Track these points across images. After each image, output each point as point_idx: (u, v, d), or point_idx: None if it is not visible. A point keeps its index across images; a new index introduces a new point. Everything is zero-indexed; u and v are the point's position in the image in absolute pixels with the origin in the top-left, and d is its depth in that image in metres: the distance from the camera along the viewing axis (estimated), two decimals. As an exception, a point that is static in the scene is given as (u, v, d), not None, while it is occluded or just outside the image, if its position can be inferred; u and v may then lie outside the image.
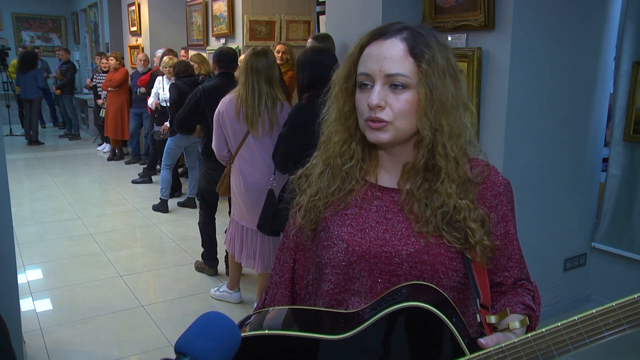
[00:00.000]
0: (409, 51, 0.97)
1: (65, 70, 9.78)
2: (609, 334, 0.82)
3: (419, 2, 3.17)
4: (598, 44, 3.10)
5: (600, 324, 0.82)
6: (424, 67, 0.97)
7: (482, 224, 1.00)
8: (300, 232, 1.13)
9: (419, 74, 0.97)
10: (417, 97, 0.97)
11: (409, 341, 0.93)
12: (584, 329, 0.83)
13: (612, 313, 0.81)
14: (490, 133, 2.87)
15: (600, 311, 0.82)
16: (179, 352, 0.78)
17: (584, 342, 0.83)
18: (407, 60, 0.97)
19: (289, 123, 2.70)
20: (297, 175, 1.16)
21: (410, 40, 0.98)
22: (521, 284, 1.11)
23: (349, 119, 1.06)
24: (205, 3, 6.24)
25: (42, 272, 4.06)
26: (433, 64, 0.97)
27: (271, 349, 0.94)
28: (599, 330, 0.82)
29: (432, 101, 0.97)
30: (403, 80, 0.97)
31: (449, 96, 0.98)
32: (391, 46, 0.98)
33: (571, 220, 3.28)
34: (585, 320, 0.83)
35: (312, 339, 0.93)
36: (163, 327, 3.23)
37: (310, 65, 2.70)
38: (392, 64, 0.97)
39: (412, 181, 1.04)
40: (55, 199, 6.09)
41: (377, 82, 0.98)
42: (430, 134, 0.98)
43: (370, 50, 1.00)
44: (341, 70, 1.07)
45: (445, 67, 0.99)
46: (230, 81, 3.57)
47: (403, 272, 0.99)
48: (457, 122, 1.00)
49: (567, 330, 0.84)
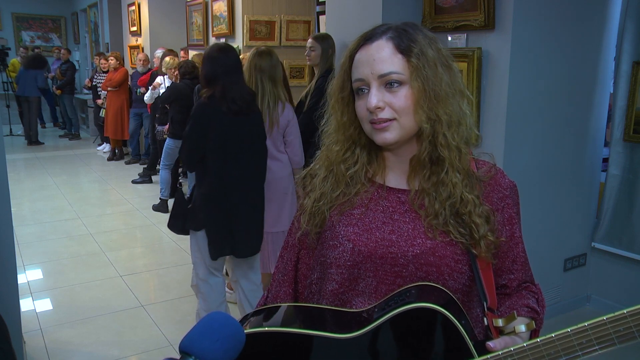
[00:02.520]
0: (396, 48, 0.98)
1: (65, 70, 9.78)
2: (619, 341, 0.81)
3: (419, 2, 3.17)
4: (598, 44, 3.10)
5: (610, 330, 0.81)
6: (414, 61, 0.97)
7: (487, 220, 1.00)
8: (305, 234, 1.13)
9: (409, 68, 0.97)
10: (412, 92, 0.98)
11: (418, 342, 0.93)
12: (593, 335, 0.82)
13: (623, 320, 0.80)
14: (490, 133, 2.87)
15: (611, 318, 0.81)
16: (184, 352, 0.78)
17: (594, 349, 0.82)
18: (396, 57, 0.98)
19: (191, 121, 2.67)
20: (302, 175, 1.16)
21: (396, 38, 0.99)
22: (525, 286, 1.11)
23: (349, 128, 1.07)
24: (205, 3, 6.24)
25: (42, 272, 4.06)
26: (422, 56, 0.98)
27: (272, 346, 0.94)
28: (609, 337, 0.81)
29: (427, 93, 0.97)
30: (396, 78, 0.97)
31: (443, 85, 0.98)
32: (378, 48, 0.99)
33: (571, 220, 3.28)
34: (596, 327, 0.82)
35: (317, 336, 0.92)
36: (163, 327, 3.23)
37: (206, 60, 2.67)
38: (382, 64, 0.98)
39: (420, 176, 1.04)
40: (55, 199, 6.09)
41: (372, 85, 0.98)
42: (428, 126, 0.99)
43: (359, 56, 1.01)
44: (335, 82, 1.08)
45: (436, 58, 0.99)
46: None
47: (408, 274, 0.99)
48: (454, 110, 1.00)
49: (577, 336, 0.83)
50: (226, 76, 2.61)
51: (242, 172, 2.69)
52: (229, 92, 2.59)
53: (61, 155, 8.76)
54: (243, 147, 2.68)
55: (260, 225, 2.83)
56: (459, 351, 0.90)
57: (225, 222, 2.70)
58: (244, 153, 2.68)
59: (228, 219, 2.70)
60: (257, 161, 2.78)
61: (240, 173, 2.68)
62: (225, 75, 2.61)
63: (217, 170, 2.64)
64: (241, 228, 2.73)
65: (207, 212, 2.69)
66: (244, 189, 2.72)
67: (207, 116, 2.61)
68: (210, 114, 2.61)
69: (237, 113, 2.62)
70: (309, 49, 3.62)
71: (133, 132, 7.76)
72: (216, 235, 2.70)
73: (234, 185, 2.68)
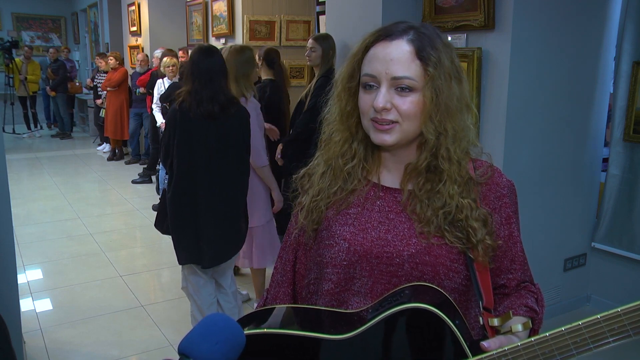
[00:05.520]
0: (416, 54, 0.96)
1: (56, 68, 9.77)
2: (613, 339, 0.80)
3: (419, 2, 3.17)
4: (598, 44, 3.10)
5: (605, 329, 0.80)
6: (431, 71, 0.96)
7: (484, 223, 0.99)
8: (302, 231, 1.12)
9: (425, 77, 0.96)
10: (423, 100, 0.97)
11: (412, 342, 0.92)
12: (588, 334, 0.81)
13: (617, 319, 0.80)
14: (490, 133, 2.87)
15: (605, 316, 0.80)
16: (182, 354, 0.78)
17: (588, 348, 0.81)
18: (413, 63, 0.96)
19: (166, 126, 2.71)
20: (300, 174, 1.15)
21: (417, 42, 0.97)
22: (524, 286, 1.10)
23: (350, 118, 1.06)
24: (205, 3, 6.24)
25: (42, 272, 4.06)
26: (439, 67, 0.96)
27: (270, 347, 0.94)
28: (604, 335, 0.80)
29: (438, 105, 0.97)
30: (409, 83, 0.96)
31: (454, 100, 0.98)
32: (397, 48, 0.97)
33: (571, 220, 3.27)
34: (590, 326, 0.81)
35: (313, 338, 0.92)
36: (163, 327, 3.22)
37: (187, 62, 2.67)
38: (398, 67, 0.96)
39: (414, 182, 1.03)
40: (55, 199, 6.09)
41: (383, 84, 0.97)
42: (434, 138, 0.98)
43: (375, 50, 0.99)
44: (344, 70, 1.06)
45: (450, 70, 0.98)
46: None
47: (404, 273, 0.99)
48: (461, 125, 1.00)
49: (571, 335, 0.82)
50: (197, 78, 2.54)
51: (212, 178, 2.58)
52: (197, 94, 2.53)
53: (61, 155, 8.75)
54: (212, 153, 2.56)
55: (229, 235, 2.69)
56: (453, 351, 0.90)
57: (189, 229, 2.63)
58: (213, 159, 2.57)
59: (192, 226, 2.62)
60: (230, 168, 2.62)
61: (210, 179, 2.58)
62: (196, 78, 2.54)
63: (182, 175, 2.59)
64: (206, 237, 2.62)
65: (171, 216, 2.66)
66: (212, 196, 2.59)
67: (174, 120, 2.59)
68: (177, 118, 2.58)
69: (204, 117, 2.52)
70: (309, 49, 3.61)
71: (133, 132, 7.75)
72: (179, 241, 2.68)
73: (201, 191, 2.58)
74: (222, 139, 2.58)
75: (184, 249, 2.68)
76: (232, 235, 2.71)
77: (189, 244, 2.66)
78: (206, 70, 2.54)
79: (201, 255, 2.65)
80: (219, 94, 2.56)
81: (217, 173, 2.59)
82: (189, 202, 2.60)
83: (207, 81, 2.53)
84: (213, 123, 2.55)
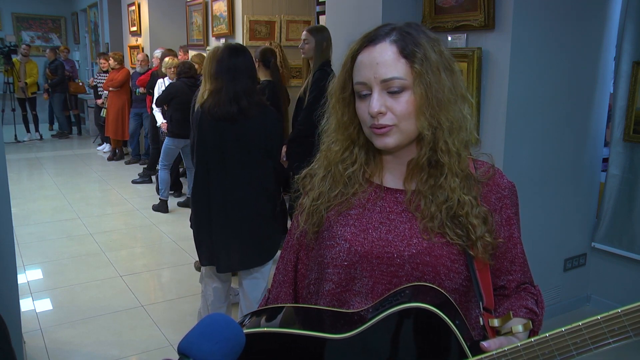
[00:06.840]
0: (400, 53, 0.97)
1: (54, 68, 9.77)
2: (613, 340, 0.80)
3: (419, 2, 3.17)
4: (598, 44, 3.10)
5: (605, 330, 0.80)
6: (417, 67, 0.96)
7: (484, 220, 1.00)
8: (303, 233, 1.13)
9: (413, 74, 0.97)
10: (415, 98, 0.97)
11: (411, 342, 0.92)
12: (588, 334, 0.81)
13: (617, 319, 0.79)
14: (490, 133, 2.87)
15: (606, 317, 0.80)
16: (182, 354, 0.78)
17: (588, 348, 0.81)
18: (399, 62, 0.97)
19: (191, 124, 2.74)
20: (302, 175, 1.16)
21: (400, 41, 0.98)
22: (524, 287, 1.10)
23: (349, 127, 1.07)
24: (205, 3, 6.24)
25: (42, 272, 4.06)
26: (426, 62, 0.97)
27: (270, 346, 0.94)
28: (604, 336, 0.80)
29: (429, 100, 0.97)
30: (399, 84, 0.96)
31: (446, 91, 0.98)
32: (382, 51, 0.98)
33: (571, 220, 3.27)
34: (590, 326, 0.81)
35: (313, 337, 0.93)
36: (163, 327, 3.23)
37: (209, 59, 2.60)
38: (385, 69, 0.96)
39: (417, 178, 1.04)
40: (55, 199, 6.09)
41: (375, 89, 0.98)
42: (430, 133, 0.98)
43: (362, 58, 1.00)
44: (336, 81, 1.07)
45: (439, 62, 0.98)
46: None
47: (405, 273, 0.99)
48: (456, 116, 1.00)
49: (571, 336, 0.82)
50: (220, 77, 2.48)
51: (225, 181, 2.51)
52: (217, 94, 2.47)
53: (61, 155, 8.75)
54: (226, 155, 2.50)
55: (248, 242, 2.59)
56: (453, 351, 0.90)
57: (205, 231, 2.60)
58: (231, 161, 2.50)
59: (207, 228, 2.59)
60: (246, 173, 2.52)
61: (223, 182, 2.51)
62: (219, 77, 2.48)
63: (200, 176, 2.58)
64: (219, 240, 2.57)
65: (193, 216, 2.67)
66: (225, 200, 2.52)
67: (196, 121, 2.58)
68: (197, 119, 2.55)
69: (221, 118, 2.46)
70: (302, 41, 3.56)
71: (133, 132, 7.76)
72: (199, 242, 2.67)
73: (214, 194, 2.53)
74: (239, 142, 2.50)
75: (203, 250, 2.67)
76: (253, 243, 2.60)
77: (207, 246, 2.63)
78: (229, 69, 2.46)
79: (218, 259, 2.62)
80: (241, 95, 2.47)
81: (232, 176, 2.51)
82: (205, 203, 2.58)
83: (230, 81, 2.46)
84: (231, 125, 2.47)
